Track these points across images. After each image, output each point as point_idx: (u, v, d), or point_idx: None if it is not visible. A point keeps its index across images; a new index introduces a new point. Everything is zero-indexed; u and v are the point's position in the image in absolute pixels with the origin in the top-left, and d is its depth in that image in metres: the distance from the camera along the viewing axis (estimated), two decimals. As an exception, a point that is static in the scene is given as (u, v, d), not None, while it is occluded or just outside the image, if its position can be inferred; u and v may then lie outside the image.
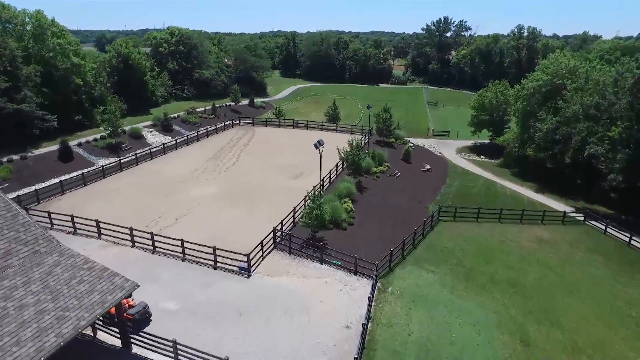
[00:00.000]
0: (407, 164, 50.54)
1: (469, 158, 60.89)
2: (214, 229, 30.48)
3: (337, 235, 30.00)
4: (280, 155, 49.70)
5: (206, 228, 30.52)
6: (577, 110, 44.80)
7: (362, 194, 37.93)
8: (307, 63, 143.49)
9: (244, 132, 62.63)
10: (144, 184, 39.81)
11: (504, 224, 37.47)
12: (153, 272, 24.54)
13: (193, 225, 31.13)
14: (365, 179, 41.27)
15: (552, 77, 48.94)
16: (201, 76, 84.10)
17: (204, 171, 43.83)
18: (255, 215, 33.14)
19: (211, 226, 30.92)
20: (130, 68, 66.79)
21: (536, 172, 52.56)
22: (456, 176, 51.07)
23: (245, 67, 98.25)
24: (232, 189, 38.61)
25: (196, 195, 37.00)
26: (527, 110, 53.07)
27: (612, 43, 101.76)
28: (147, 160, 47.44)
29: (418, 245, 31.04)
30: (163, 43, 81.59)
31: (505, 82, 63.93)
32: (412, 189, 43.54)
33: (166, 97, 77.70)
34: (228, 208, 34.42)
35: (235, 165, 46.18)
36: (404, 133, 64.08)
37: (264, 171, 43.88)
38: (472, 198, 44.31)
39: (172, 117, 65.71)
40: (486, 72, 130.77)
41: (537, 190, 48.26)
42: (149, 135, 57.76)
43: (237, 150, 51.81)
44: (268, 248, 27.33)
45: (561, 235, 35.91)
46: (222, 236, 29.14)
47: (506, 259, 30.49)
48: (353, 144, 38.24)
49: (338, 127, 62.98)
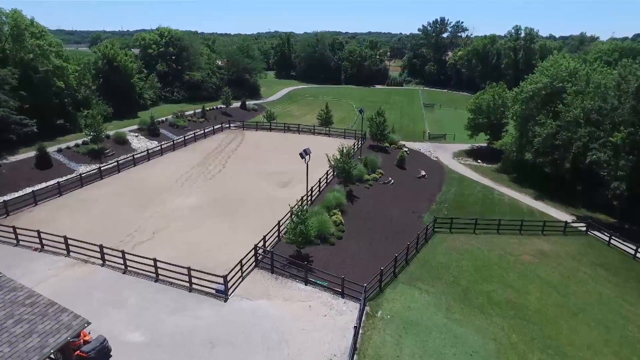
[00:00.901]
0: (402, 170, 48.60)
1: (466, 163, 59.04)
2: (193, 244, 28.43)
3: (325, 251, 28.00)
4: (269, 161, 47.67)
5: (184, 243, 28.48)
6: (578, 115, 43.03)
7: (353, 204, 35.95)
8: (302, 64, 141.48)
9: (233, 136, 60.55)
10: (124, 194, 37.71)
11: (502, 235, 35.61)
12: (121, 296, 22.47)
13: (171, 240, 29.06)
14: (357, 187, 39.30)
15: (551, 80, 47.11)
16: (192, 78, 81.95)
17: (188, 179, 41.74)
18: (238, 228, 31.10)
19: (190, 241, 28.87)
20: (116, 70, 64.59)
21: (535, 178, 50.72)
22: (452, 183, 49.18)
23: (237, 69, 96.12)
24: (216, 199, 36.55)
25: (177, 206, 34.93)
26: (526, 113, 51.25)
27: (611, 44, 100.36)
28: (130, 167, 45.30)
29: (411, 261, 29.09)
30: (152, 44, 79.36)
31: (503, 85, 62.08)
32: (406, 197, 41.59)
33: (155, 99, 75.52)
34: (210, 220, 32.36)
35: (222, 172, 44.10)
36: (399, 137, 62.15)
37: (250, 179, 41.84)
38: (469, 206, 42.43)
39: (160, 121, 63.61)
40: (483, 73, 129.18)
41: (536, 197, 46.44)
42: (134, 140, 55.61)
43: (224, 156, 49.73)
44: (249, 267, 25.30)
45: (563, 248, 34.05)
46: (201, 252, 27.13)
47: (505, 275, 28.57)
48: (343, 151, 36.26)
49: (330, 131, 61.00)
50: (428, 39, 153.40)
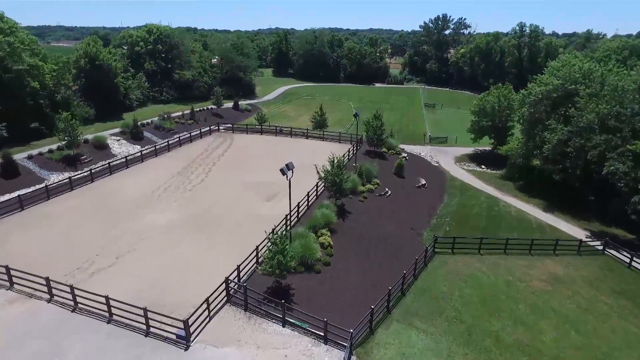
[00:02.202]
0: (400, 179, 45.00)
1: (469, 168, 55.40)
2: (162, 271, 24.99)
3: (309, 281, 24.54)
4: (257, 169, 44.11)
5: (151, 270, 25.04)
6: (592, 120, 39.40)
7: (345, 221, 32.41)
8: (300, 62, 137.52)
9: (222, 139, 56.97)
10: (94, 207, 34.23)
11: (510, 255, 32.10)
12: (64, 343, 19.03)
13: (135, 266, 25.61)
14: (350, 200, 35.76)
15: (563, 82, 43.41)
16: (182, 77, 78.29)
17: (166, 190, 38.24)
18: (215, 251, 27.63)
19: (158, 267, 25.42)
20: (98, 69, 60.98)
21: (543, 186, 47.17)
22: (454, 192, 45.60)
23: (231, 67, 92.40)
24: (193, 215, 33.05)
25: (150, 223, 31.43)
26: (534, 117, 47.59)
27: (620, 42, 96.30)
28: (105, 176, 41.79)
29: (408, 292, 25.60)
30: (140, 42, 75.64)
31: (509, 86, 58.30)
32: (404, 210, 38.04)
33: (142, 100, 71.91)
34: (184, 241, 28.88)
35: (204, 182, 40.58)
36: (398, 141, 58.53)
37: (234, 190, 38.31)
38: (473, 220, 38.91)
39: (145, 124, 60.10)
40: (486, 71, 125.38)
41: (545, 209, 42.88)
42: (115, 145, 52.07)
43: (209, 163, 46.19)
44: (219, 303, 21.85)
45: (578, 271, 30.53)
46: (169, 283, 23.71)
47: (515, 308, 25.06)
48: (334, 161, 32.69)
49: (325, 134, 57.38)
50: (429, 36, 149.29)
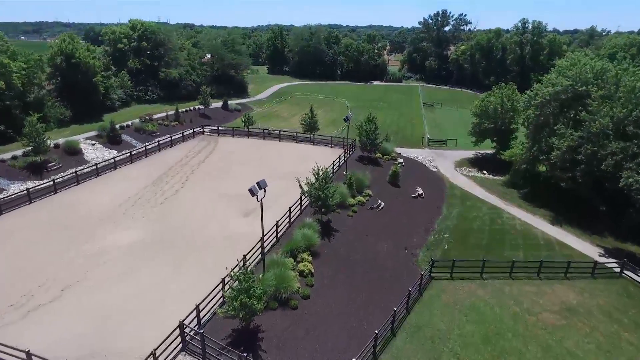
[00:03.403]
0: (395, 188, 41.33)
1: (469, 174, 51.74)
2: (112, 308, 21.38)
3: (283, 321, 20.91)
4: (238, 178, 40.36)
5: (101, 307, 21.44)
6: (606, 125, 35.71)
7: (330, 241, 28.77)
8: (296, 59, 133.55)
9: (205, 143, 53.24)
10: (49, 225, 30.56)
11: (516, 280, 28.55)
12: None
13: (83, 301, 22.00)
14: (338, 215, 32.09)
15: (573, 82, 39.68)
16: (168, 76, 74.42)
17: (136, 203, 34.55)
18: (179, 281, 24.01)
19: (109, 303, 21.80)
20: (75, 67, 57.17)
21: (549, 194, 43.62)
22: (454, 202, 41.96)
23: (222, 65, 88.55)
24: (160, 234, 29.39)
25: (109, 245, 27.79)
26: (540, 120, 43.89)
27: (628, 38, 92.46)
28: (71, 186, 38.11)
29: (399, 330, 22.00)
30: (123, 38, 71.70)
31: (513, 86, 54.52)
32: (398, 226, 34.36)
33: (125, 100, 68.10)
34: (145, 267, 25.25)
35: (178, 193, 36.90)
36: (394, 144, 54.83)
37: (210, 203, 34.64)
38: (474, 236, 35.29)
39: (125, 126, 56.38)
40: (487, 69, 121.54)
41: (553, 221, 39.28)
42: (89, 150, 48.32)
43: (187, 171, 42.48)
44: (171, 352, 18.24)
45: (594, 298, 26.94)
46: (119, 324, 20.11)
47: (524, 350, 21.48)
48: (319, 174, 29.02)
49: (315, 137, 53.63)
50: (429, 32, 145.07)
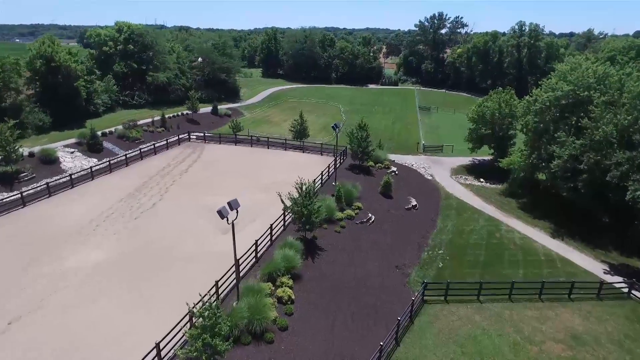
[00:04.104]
0: (387, 200, 39.14)
1: (466, 182, 49.59)
2: (62, 344, 19.04)
3: (256, 358, 18.62)
4: (221, 189, 38.11)
5: (49, 343, 19.12)
6: (610, 132, 33.70)
7: (315, 261, 26.51)
8: (290, 62, 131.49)
9: (190, 151, 50.97)
10: (11, 243, 28.20)
11: (516, 302, 26.37)
12: None
13: (32, 335, 19.66)
14: (325, 231, 29.85)
15: (574, 87, 37.67)
16: (155, 80, 72.12)
17: (108, 218, 32.21)
18: (143, 309, 21.71)
19: (61, 338, 19.47)
20: (56, 71, 54.82)
21: (549, 204, 41.71)
22: (450, 214, 39.79)
23: (212, 69, 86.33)
24: (131, 254, 27.07)
25: (72, 267, 25.45)
26: (540, 127, 41.87)
27: (627, 41, 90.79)
28: (42, 199, 35.76)
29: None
30: (108, 41, 69.42)
31: (511, 91, 52.49)
32: (389, 242, 32.11)
33: (111, 105, 65.74)
34: (109, 294, 22.90)
35: (155, 206, 34.57)
36: (387, 151, 52.64)
37: (188, 218, 32.33)
38: (471, 252, 33.10)
39: (107, 132, 54.02)
40: (484, 72, 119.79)
41: (554, 234, 37.22)
42: (67, 158, 45.88)
43: (168, 181, 40.16)
44: (123, 401, 15.96)
45: (601, 323, 24.77)
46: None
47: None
48: (302, 188, 26.78)
49: (305, 144, 51.47)
50: (425, 35, 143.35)
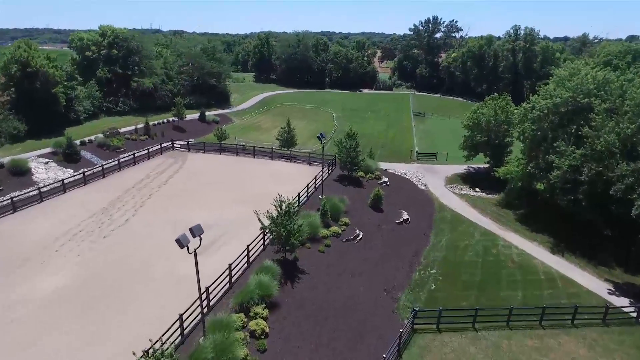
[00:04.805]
0: (377, 213, 36.92)
1: (461, 193, 47.53)
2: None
3: (220, 408, 16.32)
4: (200, 203, 35.80)
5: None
6: (612, 142, 31.72)
7: (295, 286, 24.20)
8: (283, 67, 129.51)
9: (172, 161, 48.58)
10: (-35, 266, 25.77)
11: (515, 330, 24.21)
12: None
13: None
14: (308, 251, 27.56)
15: (574, 94, 35.73)
16: (141, 85, 69.78)
17: (75, 236, 29.77)
18: (100, 348, 19.32)
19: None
20: (32, 77, 52.40)
21: (548, 215, 39.71)
22: (444, 228, 37.65)
23: (201, 74, 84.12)
24: (94, 279, 24.66)
25: (25, 294, 23.00)
26: (537, 135, 39.91)
27: (622, 46, 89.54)
28: (6, 215, 33.21)
29: (371, 414, 17.46)
30: (91, 46, 67.07)
31: (507, 97, 50.56)
32: (378, 261, 29.85)
33: (93, 112, 63.30)
34: (60, 328, 20.48)
35: (128, 223, 32.16)
36: (379, 160, 50.34)
37: (162, 237, 29.88)
38: (465, 270, 30.94)
39: (87, 141, 51.57)
40: (479, 77, 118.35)
41: (553, 249, 35.23)
42: (40, 169, 43.41)
43: (144, 195, 37.77)
44: None
45: (608, 354, 22.67)
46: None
47: None
48: (282, 206, 24.50)
49: (292, 154, 49.24)
50: (419, 39, 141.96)
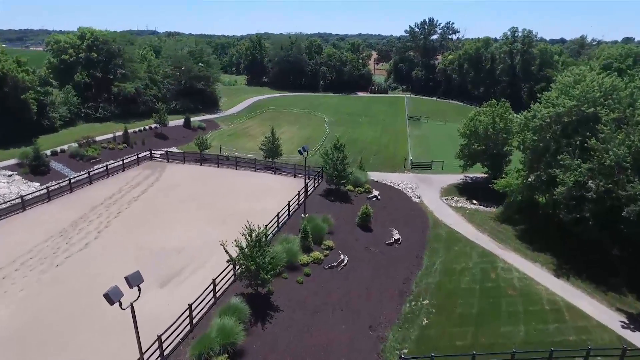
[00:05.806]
0: (365, 233, 33.83)
1: (457, 205, 44.52)
2: None
3: None
4: (172, 223, 32.59)
5: None
6: (623, 156, 28.80)
7: (266, 327, 21.03)
8: (275, 70, 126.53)
9: (149, 172, 45.36)
10: None
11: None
12: None
13: None
14: (284, 282, 24.43)
15: (579, 103, 32.82)
16: (122, 90, 66.54)
17: (23, 265, 26.52)
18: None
19: None
20: (0, 83, 49.15)
21: (550, 232, 36.77)
22: (438, 247, 34.62)
23: (188, 77, 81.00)
24: (36, 319, 21.44)
25: (-48, 341, 19.81)
26: (539, 145, 37.00)
27: (623, 48, 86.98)
28: (-45, 237, 30.07)
29: None
30: (69, 49, 63.83)
31: (506, 103, 47.59)
32: (363, 291, 26.71)
33: (70, 118, 60.01)
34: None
35: (88, 247, 28.93)
36: (366, 174, 45.66)
37: (122, 264, 26.70)
38: (462, 300, 27.86)
39: (58, 151, 48.31)
40: (476, 79, 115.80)
41: (557, 272, 32.27)
42: (2, 183, 40.16)
43: (112, 212, 34.54)
44: None
45: (625, 408, 19.61)
46: None
47: None
48: (252, 236, 21.36)
49: (277, 165, 46.09)
50: (415, 41, 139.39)
